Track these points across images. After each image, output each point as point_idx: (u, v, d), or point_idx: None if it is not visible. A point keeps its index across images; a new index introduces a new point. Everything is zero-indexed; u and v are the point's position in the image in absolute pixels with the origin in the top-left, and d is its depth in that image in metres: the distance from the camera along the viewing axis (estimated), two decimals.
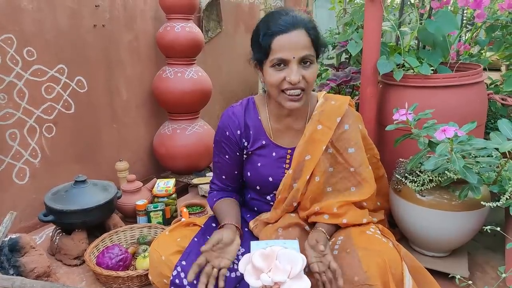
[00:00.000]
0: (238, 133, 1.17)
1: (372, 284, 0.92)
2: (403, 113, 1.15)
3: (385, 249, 1.02)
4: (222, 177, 1.24)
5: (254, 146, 1.18)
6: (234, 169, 1.22)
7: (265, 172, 1.18)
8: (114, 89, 2.10)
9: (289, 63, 1.02)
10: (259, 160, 1.18)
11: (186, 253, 1.10)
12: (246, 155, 1.20)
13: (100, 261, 1.42)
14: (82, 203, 1.53)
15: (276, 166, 1.18)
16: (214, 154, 1.24)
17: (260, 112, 1.19)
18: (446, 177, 1.20)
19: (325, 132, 1.14)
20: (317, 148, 1.13)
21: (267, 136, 1.18)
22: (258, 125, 1.18)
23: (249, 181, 1.22)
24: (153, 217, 1.74)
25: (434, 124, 1.15)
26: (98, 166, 2.06)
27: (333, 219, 1.13)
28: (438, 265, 1.33)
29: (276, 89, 1.05)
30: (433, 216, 1.27)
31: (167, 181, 1.88)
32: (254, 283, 0.88)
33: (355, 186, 1.16)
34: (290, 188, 1.16)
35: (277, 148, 1.18)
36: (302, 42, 1.02)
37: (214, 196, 1.26)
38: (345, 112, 1.15)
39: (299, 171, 1.14)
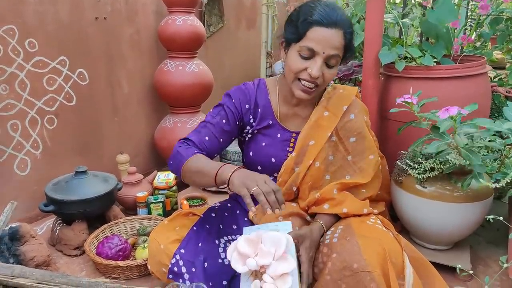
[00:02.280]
0: (246, 107, 1.17)
1: (371, 271, 0.91)
2: (408, 97, 1.14)
3: (386, 238, 1.01)
4: (204, 138, 1.13)
5: (260, 125, 1.18)
6: (221, 137, 1.14)
7: (268, 152, 1.18)
8: (116, 82, 2.10)
9: (316, 56, 1.02)
10: (264, 140, 1.18)
11: (185, 241, 1.10)
12: (250, 134, 1.19)
13: (100, 251, 1.42)
14: (82, 194, 1.54)
15: (280, 148, 1.18)
16: (208, 116, 1.17)
17: (270, 94, 1.19)
18: (448, 164, 1.19)
19: (331, 119, 1.14)
20: (322, 134, 1.14)
21: (274, 117, 1.18)
22: (267, 105, 1.18)
23: (251, 161, 1.21)
24: (153, 209, 1.74)
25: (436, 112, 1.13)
26: (99, 159, 2.06)
27: (333, 208, 1.12)
28: (439, 258, 1.32)
29: (294, 75, 1.06)
30: (434, 208, 1.26)
31: (168, 174, 1.88)
32: (241, 269, 0.88)
33: (351, 175, 1.16)
34: (291, 171, 1.16)
35: (283, 130, 1.18)
36: (336, 42, 1.02)
37: (190, 149, 1.10)
38: (352, 101, 1.16)
39: (302, 155, 1.15)
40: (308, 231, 1.04)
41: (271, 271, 0.85)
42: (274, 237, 0.89)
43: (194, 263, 1.05)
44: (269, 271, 0.85)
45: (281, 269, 0.85)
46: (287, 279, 0.85)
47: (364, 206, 1.14)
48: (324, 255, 1.03)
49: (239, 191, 0.92)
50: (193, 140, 1.13)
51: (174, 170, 1.12)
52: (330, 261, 0.98)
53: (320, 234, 1.08)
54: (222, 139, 1.15)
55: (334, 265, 0.96)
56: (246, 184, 0.92)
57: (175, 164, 1.10)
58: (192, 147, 1.10)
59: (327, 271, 0.97)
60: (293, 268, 0.85)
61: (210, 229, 1.13)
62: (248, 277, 0.91)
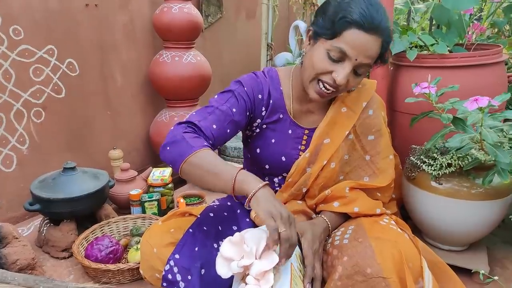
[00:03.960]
0: (259, 97, 1.04)
1: (386, 277, 0.82)
2: (425, 86, 1.04)
3: (401, 240, 0.91)
4: (212, 125, 0.95)
5: (270, 118, 1.06)
6: (229, 127, 0.98)
7: (278, 150, 1.06)
8: (108, 74, 1.99)
9: (346, 61, 0.90)
10: (273, 136, 1.06)
11: (180, 245, 0.99)
12: (258, 128, 1.07)
13: (89, 253, 1.32)
14: (70, 192, 1.43)
15: (291, 145, 1.06)
16: (214, 101, 1.00)
17: (283, 85, 1.06)
18: (468, 160, 1.09)
19: (350, 115, 1.03)
20: (339, 132, 1.03)
21: (286, 111, 1.06)
22: (279, 97, 1.06)
23: (258, 158, 1.09)
24: (147, 208, 1.64)
25: (457, 102, 1.04)
26: (90, 155, 1.96)
27: (343, 207, 1.02)
28: (454, 259, 1.23)
29: (315, 74, 0.93)
30: (450, 206, 1.17)
31: (163, 170, 1.78)
32: (225, 274, 0.79)
33: (369, 176, 1.06)
34: (303, 172, 1.05)
35: (295, 126, 1.06)
36: (373, 50, 0.90)
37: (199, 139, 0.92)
38: (372, 96, 1.06)
39: (315, 155, 1.04)
40: (309, 223, 0.96)
41: (254, 271, 0.76)
42: (255, 234, 0.81)
43: (190, 270, 0.95)
44: (252, 271, 0.76)
45: (263, 267, 0.76)
46: (268, 277, 0.76)
47: (377, 206, 1.05)
48: (333, 257, 0.93)
49: (264, 218, 0.78)
50: (199, 126, 0.94)
51: (171, 159, 0.91)
52: (340, 265, 0.88)
53: (324, 229, 0.98)
54: (229, 130, 0.99)
55: (345, 269, 0.87)
56: (272, 214, 0.79)
57: (176, 153, 0.90)
58: (201, 137, 0.93)
59: (337, 276, 0.88)
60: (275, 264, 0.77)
61: (207, 231, 1.03)
62: (239, 282, 0.82)
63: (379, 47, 0.90)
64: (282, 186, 1.09)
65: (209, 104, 1.01)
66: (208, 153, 0.89)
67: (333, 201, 1.04)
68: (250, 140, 1.11)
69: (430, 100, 1.08)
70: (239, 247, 0.81)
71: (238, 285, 0.81)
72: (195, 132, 0.94)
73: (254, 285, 0.76)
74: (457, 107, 1.02)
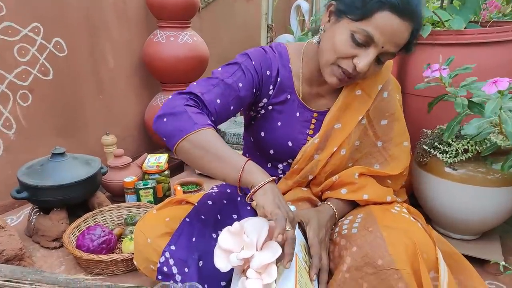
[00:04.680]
0: (268, 73, 0.94)
1: (399, 269, 0.75)
2: (436, 68, 0.95)
3: (415, 230, 0.84)
4: (216, 100, 0.86)
5: (277, 98, 0.96)
6: (233, 103, 0.89)
7: (284, 134, 0.97)
8: (99, 55, 1.89)
9: (371, 47, 0.80)
10: (279, 119, 0.98)
11: (176, 236, 0.92)
12: (264, 109, 0.98)
13: (80, 243, 1.24)
14: (59, 179, 1.35)
15: (298, 129, 0.98)
16: (218, 72, 0.90)
17: (292, 64, 0.96)
18: (486, 145, 1.01)
19: (365, 99, 0.95)
20: (351, 117, 0.95)
21: (294, 91, 0.96)
22: (288, 76, 0.96)
23: (262, 142, 1.00)
24: (142, 196, 1.56)
25: (474, 82, 0.95)
26: (82, 141, 1.87)
27: (352, 194, 0.95)
28: (466, 249, 1.16)
29: (334, 58, 0.83)
30: (465, 193, 1.10)
31: (159, 156, 1.70)
32: (224, 268, 0.72)
33: (380, 164, 0.98)
34: (310, 159, 0.97)
35: (303, 108, 0.97)
36: (402, 38, 0.80)
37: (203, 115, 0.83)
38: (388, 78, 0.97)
39: (324, 141, 0.96)
40: (314, 211, 0.88)
41: (255, 264, 0.69)
42: (256, 224, 0.74)
43: (187, 262, 0.89)
44: (253, 264, 0.69)
45: (266, 259, 0.69)
46: (271, 270, 0.69)
47: (387, 193, 0.97)
48: (341, 248, 0.86)
49: (272, 209, 0.71)
50: (203, 99, 0.84)
51: (167, 133, 0.81)
52: (349, 256, 0.81)
53: (330, 217, 0.91)
54: (233, 107, 0.89)
55: (354, 260, 0.80)
56: (279, 207, 0.72)
57: (174, 127, 0.80)
58: (204, 113, 0.83)
59: (345, 268, 0.81)
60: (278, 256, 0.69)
61: (205, 220, 0.96)
62: (239, 275, 0.75)
63: (408, 36, 0.81)
64: (287, 173, 1.01)
65: (213, 76, 0.90)
66: (213, 134, 0.80)
67: (341, 188, 0.96)
68: (254, 122, 1.02)
69: (443, 83, 0.99)
70: (238, 237, 0.74)
71: (238, 279, 0.74)
72: (197, 106, 0.84)
73: (255, 279, 0.69)
74: (473, 91, 0.93)
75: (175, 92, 0.87)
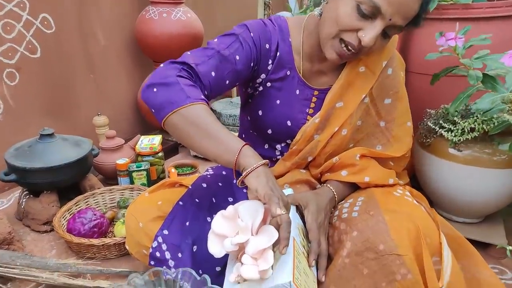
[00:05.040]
0: (267, 47, 0.88)
1: (401, 254, 0.71)
2: (451, 37, 0.89)
3: (418, 213, 0.80)
4: (211, 72, 0.80)
5: (276, 74, 0.91)
6: (228, 77, 0.84)
7: (284, 113, 0.92)
8: (89, 32, 1.80)
9: (378, 19, 0.74)
10: (278, 96, 0.92)
11: (169, 219, 0.88)
12: (262, 86, 0.92)
13: (71, 227, 1.20)
14: (48, 160, 1.30)
15: (298, 108, 0.92)
16: (213, 43, 0.84)
17: (292, 38, 0.90)
18: (494, 123, 0.96)
19: (368, 77, 0.89)
20: (354, 95, 0.89)
21: (294, 67, 0.90)
22: (287, 50, 0.90)
23: (260, 122, 0.95)
24: (136, 178, 1.51)
25: (487, 55, 0.90)
26: (73, 122, 1.81)
27: (352, 176, 0.90)
28: (469, 232, 1.13)
29: (336, 31, 0.77)
30: (469, 174, 1.06)
31: (152, 138, 1.64)
32: (218, 253, 0.69)
33: (383, 145, 0.93)
34: (310, 139, 0.92)
35: (303, 85, 0.92)
36: (412, 10, 0.74)
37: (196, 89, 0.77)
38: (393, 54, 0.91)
39: (325, 121, 0.90)
40: (312, 193, 0.84)
41: (250, 249, 0.65)
42: (250, 207, 0.70)
43: (180, 247, 0.85)
44: (248, 249, 0.65)
45: (261, 244, 0.65)
46: (267, 255, 0.65)
47: (390, 175, 0.93)
48: (341, 232, 0.82)
49: (265, 191, 0.66)
50: (197, 71, 0.79)
51: (156, 104, 0.75)
52: (349, 241, 0.77)
53: (329, 200, 0.86)
54: (228, 81, 0.84)
55: (354, 245, 0.76)
56: (273, 191, 0.68)
57: (165, 98, 0.74)
58: (197, 86, 0.78)
59: (345, 253, 0.77)
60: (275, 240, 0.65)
61: (200, 203, 0.91)
62: (235, 261, 0.72)
63: (418, 7, 0.75)
64: (285, 154, 0.97)
65: (209, 46, 0.84)
66: (206, 110, 0.75)
67: (341, 170, 0.92)
68: (251, 100, 0.96)
69: (456, 54, 0.93)
70: (233, 222, 0.70)
71: (233, 265, 0.70)
72: (191, 78, 0.78)
73: (251, 265, 0.65)
74: (489, 63, 0.87)
75: (167, 60, 0.81)
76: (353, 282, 0.75)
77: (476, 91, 0.91)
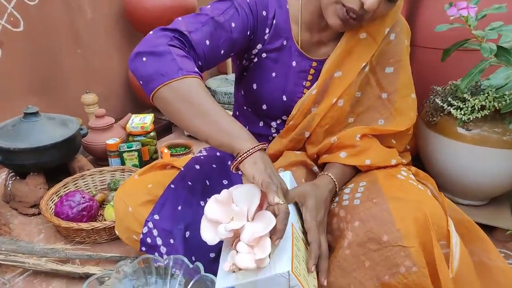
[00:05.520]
0: (264, 14, 0.81)
1: (406, 246, 0.66)
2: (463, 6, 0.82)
3: (425, 200, 0.74)
4: (205, 41, 0.74)
5: (272, 44, 0.84)
6: (223, 46, 0.77)
7: (279, 87, 0.86)
8: (74, 4, 1.69)
9: None
10: (274, 69, 0.85)
11: (160, 204, 0.83)
12: (257, 57, 0.85)
13: (59, 210, 1.15)
14: (33, 141, 1.23)
15: (294, 81, 0.86)
16: (207, 9, 0.78)
17: (290, 5, 0.83)
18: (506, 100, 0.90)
19: (370, 44, 0.82)
20: (354, 64, 0.83)
21: (291, 37, 0.84)
22: (284, 18, 0.83)
23: (254, 96, 0.89)
24: (127, 159, 1.45)
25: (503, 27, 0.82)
26: (60, 100, 1.72)
27: (352, 158, 0.84)
28: (474, 215, 1.08)
29: None
30: (477, 155, 1.00)
31: (144, 117, 1.57)
32: (211, 240, 0.64)
33: (385, 119, 0.86)
34: (307, 112, 0.86)
35: (300, 56, 0.85)
36: None
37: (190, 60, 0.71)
38: None
39: (323, 92, 0.84)
40: (310, 186, 0.76)
41: (246, 236, 0.60)
42: (246, 192, 0.64)
43: (172, 232, 0.80)
44: (243, 236, 0.60)
45: (258, 231, 0.60)
46: (264, 243, 0.60)
47: (392, 155, 0.86)
48: (340, 220, 0.76)
49: (263, 179, 0.61)
50: (190, 38, 0.72)
51: (145, 75, 0.69)
52: (350, 231, 0.72)
53: (329, 191, 0.79)
54: (223, 51, 0.77)
55: (356, 235, 0.71)
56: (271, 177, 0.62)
57: (154, 68, 0.68)
58: (190, 58, 0.72)
59: (346, 243, 0.72)
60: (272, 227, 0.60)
61: (192, 186, 0.86)
62: (229, 249, 0.67)
63: None
64: (281, 131, 0.90)
65: (202, 12, 0.77)
66: (200, 85, 0.69)
67: (340, 151, 0.85)
68: (246, 73, 0.89)
69: (468, 25, 0.86)
70: (227, 207, 0.64)
71: (228, 253, 0.65)
72: (183, 47, 0.72)
73: (247, 254, 0.60)
74: (505, 33, 0.80)
75: (157, 27, 0.73)
76: (354, 274, 0.70)
77: (488, 65, 0.84)
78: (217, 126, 0.67)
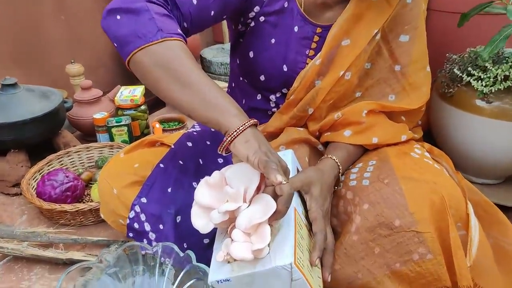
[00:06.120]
0: None
1: (421, 231, 0.60)
2: None
3: (442, 181, 0.66)
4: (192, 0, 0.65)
5: (271, 6, 0.74)
6: (214, 7, 0.68)
7: (279, 55, 0.76)
8: None
9: None
10: (273, 34, 0.75)
11: (147, 186, 0.74)
12: (254, 21, 0.76)
13: (40, 190, 1.06)
14: (11, 115, 1.13)
15: (296, 48, 0.76)
16: None
17: None
18: None
19: (383, 8, 0.72)
20: (364, 31, 0.72)
21: None
22: None
23: (251, 66, 0.79)
24: (115, 135, 1.36)
25: None
26: (44, 71, 1.60)
27: (357, 136, 0.75)
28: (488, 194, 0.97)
29: None
30: (496, 129, 0.93)
31: (134, 89, 1.46)
32: (203, 228, 0.57)
33: (396, 94, 0.77)
34: (310, 85, 0.76)
35: (303, 21, 0.75)
36: None
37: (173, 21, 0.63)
38: None
39: (328, 63, 0.74)
40: (314, 172, 0.67)
41: (242, 222, 0.52)
42: (242, 172, 0.56)
43: (161, 217, 0.72)
44: (239, 223, 0.52)
45: (256, 217, 0.53)
46: (263, 231, 0.53)
47: (402, 131, 0.77)
48: (348, 202, 0.68)
49: (259, 158, 0.52)
50: None
51: (119, 35, 0.61)
52: (359, 215, 0.65)
53: (335, 177, 0.71)
54: (213, 12, 0.68)
55: (365, 220, 0.64)
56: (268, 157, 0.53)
57: (130, 28, 0.59)
58: (173, 18, 0.63)
59: (353, 228, 0.65)
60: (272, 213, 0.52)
61: (184, 165, 0.77)
62: (224, 236, 0.59)
63: None
64: (281, 106, 0.81)
65: None
66: (182, 49, 0.60)
67: (344, 129, 0.76)
68: (242, 40, 0.79)
69: None
70: (220, 190, 0.56)
71: (222, 241, 0.57)
72: (165, 5, 0.62)
73: (242, 243, 0.52)
74: None
75: None
76: (362, 262, 0.64)
77: None
78: (201, 98, 0.58)
